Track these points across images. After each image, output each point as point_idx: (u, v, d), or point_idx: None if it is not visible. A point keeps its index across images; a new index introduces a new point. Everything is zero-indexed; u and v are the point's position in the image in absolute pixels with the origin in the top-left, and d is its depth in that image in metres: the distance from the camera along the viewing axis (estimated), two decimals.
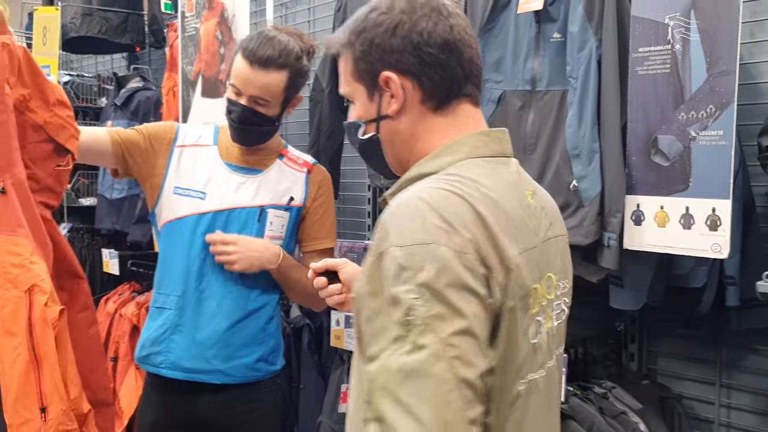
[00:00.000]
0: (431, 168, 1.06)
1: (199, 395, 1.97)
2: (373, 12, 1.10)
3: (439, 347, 0.87)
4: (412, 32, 1.07)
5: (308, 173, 2.06)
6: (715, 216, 1.57)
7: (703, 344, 2.18)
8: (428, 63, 1.07)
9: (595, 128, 1.78)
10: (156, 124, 2.10)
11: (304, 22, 3.28)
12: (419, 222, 0.93)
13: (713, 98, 1.57)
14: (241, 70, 1.86)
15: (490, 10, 2.01)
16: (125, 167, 1.99)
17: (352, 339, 2.41)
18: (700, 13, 1.58)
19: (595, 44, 1.78)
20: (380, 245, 0.94)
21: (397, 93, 1.09)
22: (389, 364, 0.88)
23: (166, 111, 3.21)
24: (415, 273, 0.90)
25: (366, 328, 0.94)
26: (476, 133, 1.11)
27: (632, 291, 1.79)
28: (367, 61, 1.10)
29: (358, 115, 1.16)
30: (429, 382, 0.86)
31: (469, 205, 0.96)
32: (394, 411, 0.86)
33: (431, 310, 0.88)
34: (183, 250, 1.97)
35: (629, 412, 1.97)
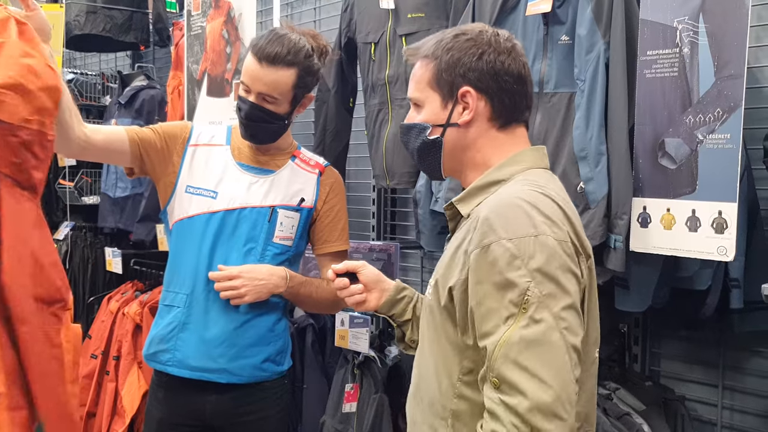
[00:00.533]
0: (502, 176, 1.27)
1: (206, 394, 1.97)
2: (461, 36, 1.30)
3: (553, 321, 1.08)
4: (496, 60, 1.27)
5: (320, 174, 2.07)
6: (722, 219, 1.58)
7: (706, 346, 2.19)
8: (503, 88, 1.28)
9: (603, 130, 1.79)
10: (171, 124, 2.11)
11: (310, 22, 3.29)
12: (525, 218, 1.13)
13: (721, 102, 1.57)
14: (250, 66, 1.87)
15: (498, 12, 2.02)
16: (142, 166, 2.00)
17: (356, 339, 2.42)
18: (709, 16, 1.59)
19: (603, 47, 1.79)
20: (484, 239, 1.13)
21: (472, 106, 1.29)
22: (509, 337, 1.08)
23: (171, 110, 3.22)
24: (528, 260, 1.10)
25: (476, 311, 1.13)
26: (531, 149, 1.33)
27: (637, 293, 1.80)
28: (450, 74, 1.29)
29: (426, 118, 1.33)
30: (547, 348, 1.07)
31: (556, 204, 1.19)
32: (517, 374, 1.07)
33: (544, 290, 1.09)
34: (193, 248, 1.97)
35: (633, 413, 1.98)
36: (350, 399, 2.47)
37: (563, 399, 1.06)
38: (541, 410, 1.05)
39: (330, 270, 1.58)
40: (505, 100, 1.29)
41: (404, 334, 1.60)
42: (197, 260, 1.96)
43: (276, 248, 1.99)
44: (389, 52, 2.45)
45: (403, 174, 2.43)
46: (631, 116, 1.75)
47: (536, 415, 1.05)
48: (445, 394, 1.24)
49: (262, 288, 1.92)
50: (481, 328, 1.13)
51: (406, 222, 3.01)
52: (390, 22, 2.44)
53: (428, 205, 2.18)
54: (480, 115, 1.29)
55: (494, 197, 1.22)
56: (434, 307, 1.27)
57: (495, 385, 1.10)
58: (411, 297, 1.60)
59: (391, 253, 2.38)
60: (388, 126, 2.46)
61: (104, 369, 3.33)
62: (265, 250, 1.98)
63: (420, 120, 1.34)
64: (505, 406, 1.08)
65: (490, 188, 1.27)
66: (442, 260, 1.31)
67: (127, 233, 3.73)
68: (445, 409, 1.24)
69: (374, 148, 2.53)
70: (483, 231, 1.15)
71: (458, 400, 1.23)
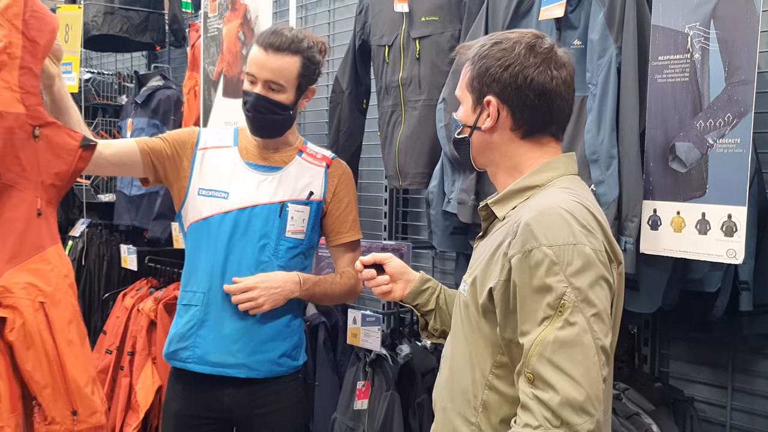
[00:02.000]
0: (538, 181, 1.35)
1: (224, 388, 2.02)
2: (497, 45, 1.36)
3: (586, 324, 1.17)
4: (519, 74, 1.32)
5: (327, 167, 2.11)
6: (731, 222, 1.60)
7: (715, 348, 2.21)
8: (523, 102, 1.34)
9: (614, 134, 1.81)
10: (179, 131, 2.17)
11: (324, 24, 3.32)
12: (565, 227, 1.21)
13: (731, 107, 1.59)
14: (256, 55, 1.94)
15: (511, 17, 2.05)
16: (155, 175, 2.06)
17: (368, 337, 2.45)
18: (720, 23, 1.61)
19: (615, 52, 1.82)
20: (526, 245, 1.21)
21: (493, 115, 1.36)
22: (545, 337, 1.17)
23: (187, 110, 3.26)
24: (566, 267, 1.18)
25: (518, 311, 1.22)
26: (565, 155, 1.40)
27: (647, 295, 1.82)
28: (480, 81, 1.37)
29: (460, 117, 1.43)
30: (579, 349, 1.16)
31: (591, 214, 1.27)
32: (550, 371, 1.16)
33: (579, 296, 1.17)
34: (208, 248, 2.02)
35: (642, 413, 2.01)
36: (362, 396, 2.50)
37: (592, 396, 1.15)
38: (572, 405, 1.14)
39: (358, 262, 1.67)
40: (525, 113, 1.35)
41: (427, 322, 1.70)
42: (213, 259, 2.01)
43: (289, 242, 2.03)
44: (403, 55, 2.48)
45: (416, 175, 2.46)
46: (642, 120, 1.77)
47: (566, 409, 1.14)
48: (477, 384, 1.33)
49: (278, 296, 1.98)
50: (521, 327, 1.22)
51: (417, 222, 3.04)
52: (404, 26, 2.47)
53: (440, 206, 2.21)
54: (502, 123, 1.37)
55: (534, 203, 1.29)
56: (470, 304, 1.35)
57: (529, 380, 1.19)
58: (434, 288, 1.69)
59: (404, 253, 2.41)
60: (401, 127, 2.49)
61: (119, 364, 3.37)
62: (279, 245, 2.02)
63: (458, 117, 1.45)
64: (538, 401, 1.17)
65: (525, 192, 1.35)
66: (477, 260, 1.39)
67: (142, 230, 3.77)
68: (477, 399, 1.33)
69: (387, 149, 2.56)
70: (524, 237, 1.22)
71: (489, 392, 1.32)
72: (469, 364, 1.35)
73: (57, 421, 1.50)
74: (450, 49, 2.39)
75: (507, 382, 1.30)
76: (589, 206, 1.29)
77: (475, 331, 1.34)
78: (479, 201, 2.09)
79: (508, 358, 1.29)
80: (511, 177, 1.39)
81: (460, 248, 2.26)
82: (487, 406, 1.32)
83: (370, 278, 1.65)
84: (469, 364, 1.35)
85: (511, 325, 1.26)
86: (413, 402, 2.43)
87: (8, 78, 1.43)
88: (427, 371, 2.46)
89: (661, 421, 2.01)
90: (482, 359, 1.33)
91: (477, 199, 2.09)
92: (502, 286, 1.26)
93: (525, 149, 1.37)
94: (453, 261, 2.94)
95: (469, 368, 1.35)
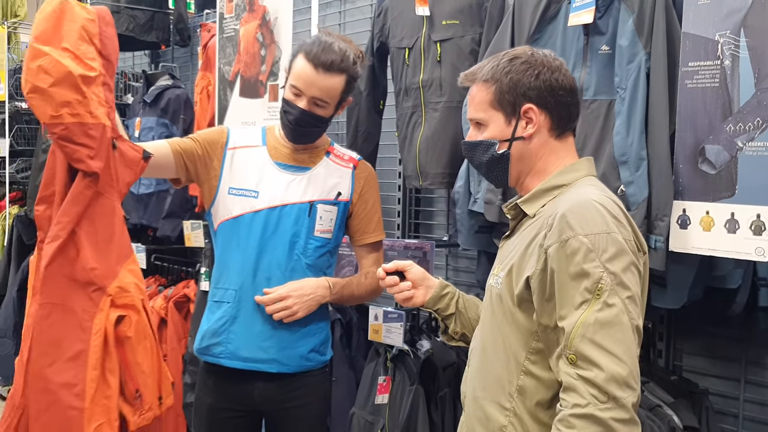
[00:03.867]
0: (565, 181, 1.46)
1: (255, 382, 2.06)
2: (516, 60, 1.48)
3: (622, 305, 1.26)
4: (550, 79, 1.45)
5: (354, 168, 2.16)
6: (760, 222, 1.67)
7: (728, 342, 2.29)
8: (560, 102, 1.46)
9: (643, 137, 1.88)
10: (208, 130, 2.20)
11: (335, 25, 3.36)
12: (600, 218, 1.31)
13: (760, 112, 1.67)
14: (306, 72, 1.95)
15: (537, 22, 2.11)
16: (187, 175, 2.09)
17: (390, 333, 2.51)
18: (750, 31, 1.69)
19: (644, 57, 1.89)
20: (563, 235, 1.30)
21: (536, 121, 1.46)
22: (585, 319, 1.25)
23: (200, 110, 3.28)
24: (601, 253, 1.27)
25: (557, 297, 1.30)
26: (585, 159, 1.52)
27: (674, 291, 1.90)
28: (513, 94, 1.46)
29: (491, 135, 1.50)
30: (618, 329, 1.24)
31: (619, 207, 1.38)
32: (593, 350, 1.24)
33: (615, 279, 1.27)
34: (239, 247, 2.05)
35: (663, 405, 2.08)
36: (383, 391, 2.55)
37: (634, 372, 1.24)
38: (617, 380, 1.22)
39: (380, 269, 1.73)
40: (562, 112, 1.47)
41: (447, 327, 1.77)
42: (244, 257, 2.05)
43: (317, 241, 2.07)
44: (423, 57, 2.53)
45: (437, 175, 2.52)
46: (672, 123, 1.84)
47: (612, 384, 1.22)
48: (511, 371, 1.41)
49: (311, 302, 2.04)
50: (559, 312, 1.30)
51: (430, 221, 3.10)
52: (425, 29, 2.52)
53: (467, 205, 2.27)
54: (542, 127, 1.47)
55: (567, 197, 1.40)
56: (505, 294, 1.43)
57: (572, 361, 1.27)
58: (453, 293, 1.76)
59: (427, 251, 2.47)
60: (421, 128, 2.55)
61: None
62: (307, 243, 2.06)
63: (485, 137, 1.51)
64: (583, 380, 1.24)
65: (553, 191, 1.46)
66: (508, 255, 1.47)
67: (148, 229, 3.78)
68: (512, 385, 1.40)
69: (407, 149, 2.62)
70: (561, 227, 1.32)
71: (525, 377, 1.39)
72: (503, 352, 1.43)
73: (151, 407, 1.62)
74: (471, 53, 2.46)
75: (542, 366, 1.38)
76: (616, 200, 1.40)
77: (509, 321, 1.42)
78: (506, 201, 2.16)
79: (543, 344, 1.37)
80: (538, 179, 1.50)
81: (485, 246, 2.32)
82: (523, 391, 1.39)
83: (393, 284, 1.72)
84: (503, 353, 1.43)
85: (547, 311, 1.34)
86: (435, 396, 2.48)
87: (98, 93, 1.52)
88: (448, 365, 2.52)
89: (681, 412, 2.08)
90: (516, 347, 1.40)
91: (504, 199, 2.15)
92: (539, 275, 1.34)
93: (557, 149, 1.49)
94: (466, 259, 3.01)
95: (503, 356, 1.43)
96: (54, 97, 1.48)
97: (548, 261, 1.32)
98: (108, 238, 1.59)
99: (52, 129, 1.51)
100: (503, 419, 1.40)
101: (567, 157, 1.49)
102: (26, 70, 1.49)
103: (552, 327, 1.33)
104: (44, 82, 1.47)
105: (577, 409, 1.23)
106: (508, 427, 1.39)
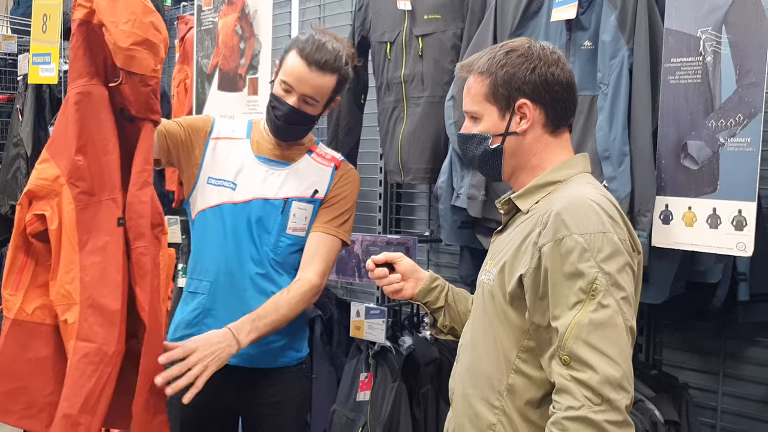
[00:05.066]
0: (559, 177, 1.43)
1: (229, 378, 2.02)
2: (512, 52, 1.44)
3: (617, 306, 1.24)
4: (547, 73, 1.42)
5: (335, 168, 2.12)
6: (741, 217, 1.69)
7: (706, 336, 2.32)
8: (555, 98, 1.43)
9: (626, 132, 1.89)
10: (194, 117, 2.17)
11: (315, 18, 3.34)
12: (595, 217, 1.29)
13: (742, 108, 1.68)
14: (299, 69, 1.93)
15: (520, 17, 2.11)
16: (168, 157, 2.06)
17: (372, 330, 2.50)
18: (731, 28, 1.70)
19: (627, 53, 1.89)
20: (558, 233, 1.28)
21: (530, 116, 1.43)
22: (580, 320, 1.23)
23: (177, 103, 3.24)
24: (596, 253, 1.25)
25: (550, 296, 1.28)
26: (581, 155, 1.49)
27: (656, 286, 1.91)
28: (507, 88, 1.43)
29: (485, 129, 1.47)
30: (612, 330, 1.23)
31: (615, 206, 1.36)
32: (587, 352, 1.22)
33: (610, 280, 1.25)
34: (214, 237, 2.03)
35: (645, 399, 2.10)
36: (364, 388, 2.54)
37: (627, 373, 1.22)
38: (611, 383, 1.20)
39: (370, 260, 1.71)
40: (557, 108, 1.44)
41: (436, 320, 1.75)
42: (219, 249, 2.02)
43: (289, 239, 2.04)
44: (405, 52, 2.52)
45: (419, 170, 2.51)
46: (655, 119, 1.85)
47: (606, 386, 1.20)
48: (501, 369, 1.39)
49: (223, 354, 1.78)
50: (552, 312, 1.28)
51: (411, 216, 3.09)
52: (406, 23, 2.51)
53: (449, 201, 2.26)
54: (536, 123, 1.44)
55: (563, 195, 1.37)
56: (497, 291, 1.41)
57: (565, 362, 1.25)
58: (443, 286, 1.74)
59: (410, 247, 2.46)
60: (403, 123, 2.53)
61: None
62: (279, 241, 2.03)
63: (479, 131, 1.48)
64: (576, 382, 1.22)
65: (547, 187, 1.43)
66: (501, 251, 1.44)
67: None
68: (501, 383, 1.39)
69: (388, 144, 2.60)
70: (556, 226, 1.29)
71: (515, 375, 1.37)
72: (494, 350, 1.41)
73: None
74: (453, 47, 2.45)
75: (533, 365, 1.36)
76: (611, 199, 1.38)
77: (501, 318, 1.40)
78: (489, 196, 2.16)
79: (535, 343, 1.35)
80: (532, 175, 1.46)
81: (467, 242, 2.32)
82: (513, 390, 1.37)
83: (382, 276, 1.70)
84: (494, 350, 1.41)
85: (540, 310, 1.31)
86: (417, 393, 2.48)
87: None
88: (430, 362, 2.52)
89: (662, 407, 2.10)
90: (507, 345, 1.39)
91: (487, 195, 2.15)
92: (533, 273, 1.31)
93: (552, 145, 1.46)
94: (448, 254, 3.01)
95: (493, 354, 1.41)
96: (159, 52, 1.59)
97: (542, 259, 1.30)
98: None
99: (147, 81, 1.59)
100: (492, 417, 1.39)
101: (562, 153, 1.46)
102: (137, 23, 1.54)
103: (545, 326, 1.31)
104: (155, 37, 1.56)
105: (571, 412, 1.22)
106: (497, 425, 1.38)
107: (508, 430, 1.38)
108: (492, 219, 2.15)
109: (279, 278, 2.04)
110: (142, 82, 1.58)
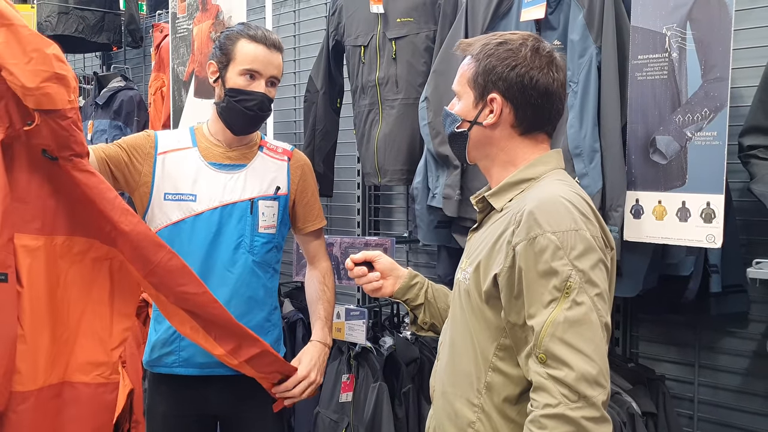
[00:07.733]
0: (532, 174, 1.43)
1: (209, 386, 2.02)
2: (503, 45, 1.43)
3: (591, 303, 1.25)
4: (525, 75, 1.39)
5: (288, 160, 2.12)
6: (710, 209, 1.72)
7: (682, 328, 2.36)
8: (528, 102, 1.41)
9: (596, 129, 1.92)
10: (134, 136, 2.12)
11: (290, 24, 3.36)
12: (568, 215, 1.29)
13: (708, 102, 1.72)
14: (262, 53, 1.96)
15: (491, 18, 2.14)
16: (115, 183, 2.01)
17: (352, 331, 2.51)
18: (696, 24, 1.74)
19: (595, 51, 1.93)
20: (531, 232, 1.28)
21: (497, 112, 1.42)
22: (554, 318, 1.24)
23: (154, 111, 3.23)
24: (570, 251, 1.26)
25: (525, 295, 1.28)
26: (554, 151, 1.48)
27: (629, 279, 1.94)
28: (485, 78, 1.42)
29: (459, 111, 1.48)
30: (587, 327, 1.23)
31: (587, 203, 1.36)
32: (563, 349, 1.22)
33: (583, 277, 1.25)
34: (182, 252, 1.95)
35: (622, 392, 2.13)
36: (346, 389, 2.55)
37: (603, 370, 1.23)
38: (587, 379, 1.21)
39: (348, 260, 1.72)
40: (528, 111, 1.42)
41: (416, 317, 1.75)
42: (190, 262, 1.98)
43: (263, 237, 2.04)
44: (379, 55, 2.54)
45: (395, 171, 2.53)
46: (623, 115, 1.88)
47: (582, 383, 1.20)
48: (480, 367, 1.39)
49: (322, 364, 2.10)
50: (527, 310, 1.28)
51: (389, 218, 3.11)
52: (379, 26, 2.53)
53: (425, 201, 2.28)
54: (504, 120, 1.43)
55: (535, 194, 1.37)
56: (472, 290, 1.41)
57: (542, 360, 1.25)
58: (422, 283, 1.74)
59: (388, 248, 2.47)
60: (378, 126, 2.56)
61: None
62: (253, 241, 2.03)
63: (455, 111, 1.49)
64: (553, 379, 1.23)
65: (521, 185, 1.43)
66: (476, 249, 1.45)
67: None
68: (480, 381, 1.39)
69: (364, 147, 2.62)
70: (529, 225, 1.29)
71: (493, 373, 1.38)
72: (472, 348, 1.41)
73: None
74: (426, 50, 2.47)
75: (510, 363, 1.37)
76: (584, 196, 1.38)
77: (478, 317, 1.40)
78: (464, 195, 2.18)
79: (511, 341, 1.36)
80: (505, 171, 1.46)
81: (444, 241, 2.34)
82: (491, 387, 1.38)
83: (361, 275, 1.70)
84: (472, 349, 1.41)
85: (515, 309, 1.32)
86: (399, 392, 2.50)
87: None
88: (411, 361, 2.53)
89: (639, 399, 2.14)
90: (485, 343, 1.39)
91: (462, 194, 2.17)
92: (507, 272, 1.32)
93: (522, 145, 1.44)
94: (426, 254, 3.03)
95: (471, 352, 1.41)
96: (69, 83, 1.51)
97: (516, 258, 1.30)
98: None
99: (68, 114, 1.53)
100: (472, 415, 1.40)
101: (535, 153, 1.45)
102: (40, 59, 1.48)
103: (520, 325, 1.31)
104: (62, 69, 1.50)
105: (548, 410, 1.22)
106: (477, 423, 1.39)
107: (487, 427, 1.38)
108: (468, 218, 2.17)
109: (257, 281, 2.04)
110: (60, 117, 1.52)
